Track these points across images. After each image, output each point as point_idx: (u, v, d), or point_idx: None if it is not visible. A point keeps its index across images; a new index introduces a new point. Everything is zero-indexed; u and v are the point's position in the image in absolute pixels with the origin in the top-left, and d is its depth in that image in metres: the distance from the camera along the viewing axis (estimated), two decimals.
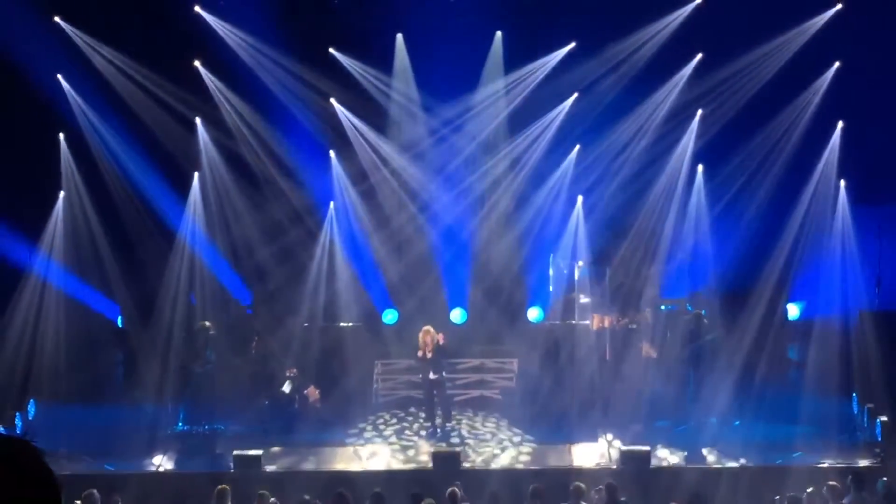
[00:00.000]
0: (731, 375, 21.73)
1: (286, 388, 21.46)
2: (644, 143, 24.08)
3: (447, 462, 18.49)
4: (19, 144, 22.71)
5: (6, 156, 22.46)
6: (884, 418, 19.37)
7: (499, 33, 23.86)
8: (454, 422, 21.32)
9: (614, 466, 18.49)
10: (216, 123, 23.92)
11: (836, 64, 23.28)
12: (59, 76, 23.17)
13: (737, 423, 20.95)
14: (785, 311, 23.23)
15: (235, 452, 18.93)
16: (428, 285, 24.39)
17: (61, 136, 23.52)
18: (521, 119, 24.46)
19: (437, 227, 24.70)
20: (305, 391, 21.61)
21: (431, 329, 21.11)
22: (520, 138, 24.53)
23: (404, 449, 20.21)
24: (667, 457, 19.32)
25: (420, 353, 20.90)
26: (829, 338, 22.42)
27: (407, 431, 21.21)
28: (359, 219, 24.64)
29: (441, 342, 20.89)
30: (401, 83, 24.24)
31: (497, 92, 24.32)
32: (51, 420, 20.95)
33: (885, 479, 15.69)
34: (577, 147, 24.31)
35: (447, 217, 24.68)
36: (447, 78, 23.55)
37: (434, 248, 24.67)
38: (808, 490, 15.30)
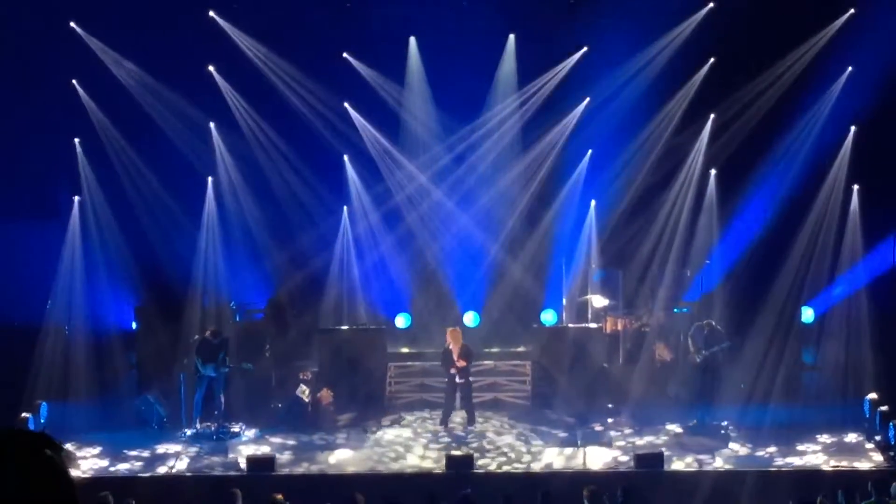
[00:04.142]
0: (745, 379, 21.75)
1: (300, 391, 21.51)
2: (657, 147, 24.11)
3: (460, 465, 18.48)
4: (35, 149, 22.80)
5: (22, 161, 22.58)
6: None
7: (511, 36, 23.89)
8: (473, 425, 21.30)
9: (628, 469, 18.47)
10: (230, 128, 24.01)
11: (850, 69, 23.27)
12: (74, 81, 23.27)
13: (750, 426, 20.91)
14: (799, 315, 23.20)
15: (248, 455, 18.98)
16: (442, 289, 24.46)
17: (77, 141, 23.63)
18: (534, 123, 24.51)
19: (451, 230, 24.76)
20: (318, 394, 21.65)
21: (460, 330, 21.24)
22: (532, 142, 24.57)
23: (417, 452, 20.21)
24: (681, 460, 19.29)
25: (445, 348, 20.92)
26: (844, 341, 22.43)
27: (420, 434, 21.22)
28: (373, 222, 24.71)
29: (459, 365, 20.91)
30: (414, 86, 24.30)
31: (511, 95, 24.35)
32: (63, 423, 21.01)
33: None
34: (590, 151, 24.35)
35: (461, 220, 24.72)
36: (461, 80, 23.61)
37: (448, 252, 24.73)
38: (822, 494, 15.27)
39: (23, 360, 21.69)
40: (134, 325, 23.50)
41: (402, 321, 24.63)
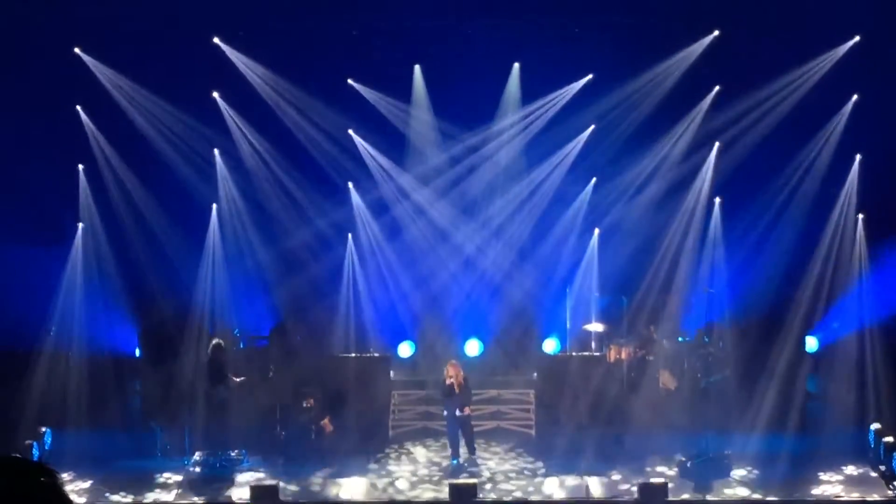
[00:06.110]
0: (749, 408, 21.65)
1: (303, 418, 21.43)
2: (662, 176, 24.07)
3: (463, 494, 18.39)
4: (38, 175, 22.79)
5: (26, 187, 22.58)
6: None
7: (516, 65, 23.90)
8: (475, 454, 21.21)
9: (632, 499, 18.37)
10: (234, 154, 24.00)
11: (855, 97, 23.26)
12: (78, 107, 23.30)
13: (754, 455, 20.81)
14: (803, 344, 23.11)
15: (251, 483, 18.89)
16: (446, 316, 24.39)
17: (80, 167, 23.64)
18: (538, 151, 24.49)
19: (456, 259, 24.68)
20: (322, 422, 21.58)
21: (458, 364, 21.18)
22: (537, 170, 24.55)
23: (420, 480, 20.12)
24: (685, 489, 19.19)
25: (449, 383, 20.83)
26: (848, 370, 22.34)
27: (423, 462, 21.12)
28: (377, 249, 24.66)
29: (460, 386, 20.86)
30: (419, 114, 24.30)
31: (515, 124, 24.35)
32: (65, 450, 20.94)
33: None
34: (594, 179, 24.32)
35: (466, 248, 24.66)
36: (465, 108, 23.62)
37: (452, 279, 24.66)
38: None
39: (25, 387, 21.63)
40: (137, 352, 23.44)
41: (406, 349, 24.54)
